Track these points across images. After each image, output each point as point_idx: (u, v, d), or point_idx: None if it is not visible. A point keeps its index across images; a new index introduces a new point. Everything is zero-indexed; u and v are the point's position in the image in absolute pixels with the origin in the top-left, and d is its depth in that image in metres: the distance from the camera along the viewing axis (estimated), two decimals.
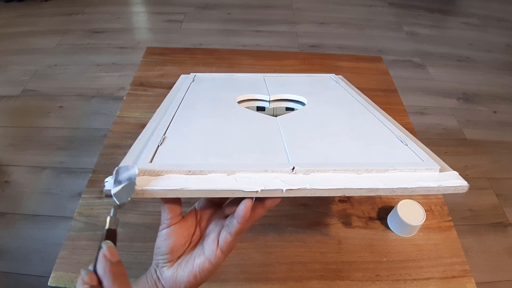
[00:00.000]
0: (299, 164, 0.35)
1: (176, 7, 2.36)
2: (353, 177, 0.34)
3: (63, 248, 0.53)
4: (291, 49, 2.03)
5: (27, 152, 1.37)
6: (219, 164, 0.34)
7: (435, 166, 0.36)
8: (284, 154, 0.38)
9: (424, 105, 1.71)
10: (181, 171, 0.33)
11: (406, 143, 0.42)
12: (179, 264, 0.33)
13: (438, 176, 0.35)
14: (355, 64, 0.96)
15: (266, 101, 0.62)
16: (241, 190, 0.31)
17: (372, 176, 0.34)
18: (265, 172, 0.34)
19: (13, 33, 2.04)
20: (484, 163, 1.45)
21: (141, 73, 0.88)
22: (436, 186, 0.33)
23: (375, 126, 0.48)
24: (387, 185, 0.33)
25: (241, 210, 0.31)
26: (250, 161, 0.37)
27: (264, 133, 0.44)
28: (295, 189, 0.31)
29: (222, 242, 0.32)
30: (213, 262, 0.32)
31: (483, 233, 1.21)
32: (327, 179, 0.33)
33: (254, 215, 0.33)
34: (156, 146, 0.38)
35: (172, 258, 0.33)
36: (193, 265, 0.33)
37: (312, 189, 0.32)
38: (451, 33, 2.33)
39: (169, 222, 0.34)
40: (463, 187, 0.34)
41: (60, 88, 1.67)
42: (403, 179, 0.34)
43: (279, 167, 0.34)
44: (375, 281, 0.52)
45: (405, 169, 0.35)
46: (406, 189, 0.33)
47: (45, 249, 1.09)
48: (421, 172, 0.36)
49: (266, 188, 0.31)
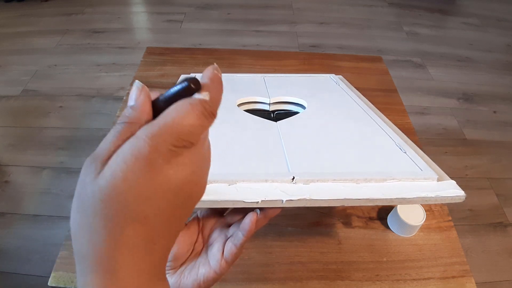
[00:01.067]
0: (299, 174, 0.35)
1: (176, 7, 2.36)
2: (352, 187, 0.34)
3: (63, 248, 0.53)
4: (291, 49, 2.03)
5: (27, 152, 1.37)
6: (219, 174, 0.35)
7: (433, 175, 0.37)
8: (284, 162, 0.39)
9: (424, 105, 1.71)
10: None
11: (405, 151, 0.42)
12: (182, 272, 0.34)
13: (436, 185, 0.36)
14: (355, 64, 0.96)
15: (266, 104, 0.62)
16: (242, 201, 0.31)
17: (370, 185, 0.35)
18: (265, 182, 0.34)
19: (13, 33, 2.04)
20: (484, 163, 1.45)
21: (141, 73, 0.88)
22: (434, 196, 0.34)
23: (374, 133, 0.48)
24: (385, 195, 0.33)
25: (246, 224, 0.31)
26: (250, 169, 0.37)
27: (264, 139, 0.45)
28: (295, 199, 0.32)
29: (228, 253, 0.33)
30: (217, 272, 0.33)
31: (483, 233, 1.21)
32: (326, 189, 0.34)
33: (256, 225, 0.33)
34: None
35: (175, 265, 0.34)
36: (197, 273, 0.33)
37: (311, 200, 0.32)
38: (451, 33, 2.33)
39: None
40: (460, 197, 0.34)
41: (60, 88, 1.67)
42: (401, 189, 0.34)
43: (279, 176, 0.35)
44: (375, 281, 0.52)
45: (403, 178, 0.36)
46: (404, 199, 0.34)
47: (45, 249, 1.09)
48: (419, 181, 0.36)
49: (267, 198, 0.32)
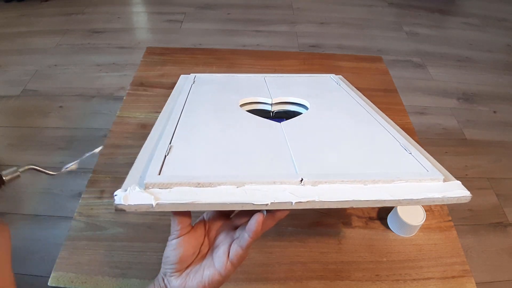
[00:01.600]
0: (307, 175, 0.35)
1: (176, 7, 2.36)
2: (360, 188, 0.34)
3: (63, 248, 0.53)
4: (291, 49, 2.03)
5: (27, 152, 1.37)
6: (228, 176, 0.34)
7: (439, 176, 0.37)
8: (291, 163, 0.38)
9: (424, 105, 1.71)
10: (190, 183, 0.33)
11: (410, 152, 0.42)
12: (188, 274, 0.34)
13: (443, 186, 0.36)
14: (355, 64, 0.96)
15: (268, 104, 0.62)
16: (251, 203, 0.31)
17: (378, 187, 0.35)
18: (274, 184, 0.34)
19: (13, 33, 2.03)
20: (484, 163, 1.45)
21: (141, 73, 0.88)
22: (440, 197, 0.34)
23: (379, 133, 0.48)
24: (394, 196, 0.33)
25: (252, 224, 0.31)
26: (258, 171, 0.37)
27: (269, 140, 0.44)
28: (304, 201, 0.32)
29: (233, 256, 0.33)
30: (223, 274, 0.33)
31: (483, 233, 1.21)
32: (335, 190, 0.34)
33: (264, 227, 0.33)
34: (163, 157, 0.38)
35: (180, 267, 0.34)
36: (202, 275, 0.33)
37: (320, 201, 0.32)
38: (451, 33, 2.33)
39: (178, 233, 0.34)
40: (466, 197, 0.35)
41: (60, 88, 1.67)
42: (408, 190, 0.35)
43: (287, 178, 0.34)
44: (375, 281, 0.52)
45: (410, 179, 0.36)
46: (412, 200, 0.34)
47: (45, 249, 1.09)
48: (426, 182, 0.36)
49: (276, 200, 0.31)
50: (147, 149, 0.41)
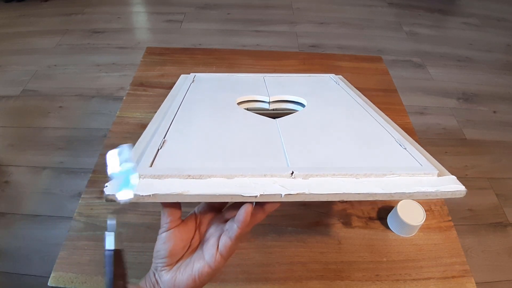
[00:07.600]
0: (298, 169, 0.35)
1: (176, 7, 2.36)
2: (352, 182, 0.34)
3: (63, 248, 0.53)
4: (291, 49, 2.03)
5: (27, 152, 1.37)
6: (218, 169, 0.35)
7: (433, 171, 0.36)
8: (283, 157, 0.38)
9: (424, 105, 1.71)
10: (180, 175, 0.33)
11: (404, 147, 0.42)
12: (178, 268, 0.33)
13: (436, 180, 0.35)
14: (355, 64, 0.96)
15: (266, 102, 0.62)
16: (240, 194, 0.31)
17: (370, 180, 0.34)
18: (264, 177, 0.34)
19: (13, 33, 2.03)
20: (484, 163, 1.45)
21: (141, 73, 0.88)
22: (434, 191, 0.33)
23: (374, 129, 0.48)
24: (385, 190, 0.33)
25: (241, 215, 0.31)
26: (249, 165, 0.37)
27: (263, 136, 0.44)
28: (294, 193, 0.32)
29: (222, 247, 0.32)
30: (212, 267, 0.32)
31: (483, 233, 1.20)
32: (325, 183, 0.34)
33: (254, 220, 0.33)
34: (156, 150, 0.38)
35: (171, 261, 0.33)
36: (192, 269, 0.33)
37: (310, 194, 0.32)
38: (451, 33, 2.33)
39: (168, 225, 0.34)
40: (461, 191, 0.34)
41: (60, 88, 1.67)
42: (401, 184, 0.34)
43: (278, 171, 0.34)
44: (375, 281, 0.52)
45: (403, 173, 0.35)
46: (404, 194, 0.33)
47: (45, 249, 1.09)
48: (419, 176, 0.36)
49: (265, 193, 0.31)
50: (142, 143, 0.41)
